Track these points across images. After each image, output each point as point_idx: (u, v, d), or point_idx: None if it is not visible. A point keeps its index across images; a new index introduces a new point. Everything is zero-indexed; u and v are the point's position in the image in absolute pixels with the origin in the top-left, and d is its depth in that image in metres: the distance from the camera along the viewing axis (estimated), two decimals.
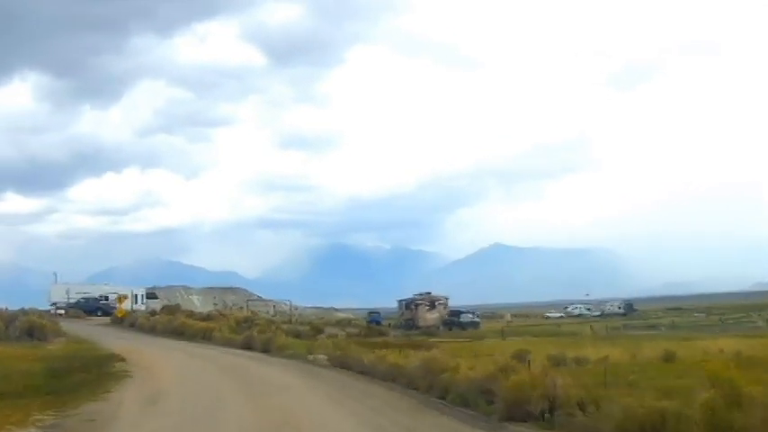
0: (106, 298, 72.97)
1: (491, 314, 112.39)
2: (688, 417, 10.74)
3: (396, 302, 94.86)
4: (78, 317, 66.16)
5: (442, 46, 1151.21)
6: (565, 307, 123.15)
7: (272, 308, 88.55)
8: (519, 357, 32.34)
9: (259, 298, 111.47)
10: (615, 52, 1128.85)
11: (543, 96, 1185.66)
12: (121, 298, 57.12)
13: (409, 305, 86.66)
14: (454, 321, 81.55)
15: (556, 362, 28.59)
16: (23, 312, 50.06)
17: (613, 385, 16.43)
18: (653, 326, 77.79)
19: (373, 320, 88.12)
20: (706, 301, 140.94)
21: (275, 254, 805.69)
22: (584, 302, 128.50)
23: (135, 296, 79.43)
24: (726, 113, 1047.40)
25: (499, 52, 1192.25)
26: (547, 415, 13.62)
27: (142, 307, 79.00)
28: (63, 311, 68.48)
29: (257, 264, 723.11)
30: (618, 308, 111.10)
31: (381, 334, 63.73)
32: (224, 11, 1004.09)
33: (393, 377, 20.13)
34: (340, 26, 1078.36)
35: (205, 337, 41.74)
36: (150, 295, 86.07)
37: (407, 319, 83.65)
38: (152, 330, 48.06)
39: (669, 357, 28.06)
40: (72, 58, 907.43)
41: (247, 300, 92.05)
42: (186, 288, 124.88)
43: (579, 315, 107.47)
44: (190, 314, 68.97)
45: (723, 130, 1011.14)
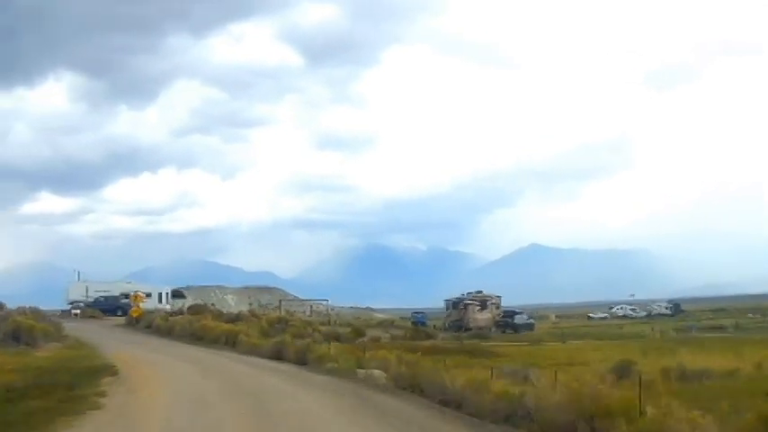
0: (127, 296, 66.21)
1: (533, 315, 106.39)
2: None
3: (441, 302, 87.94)
4: (95, 317, 60.09)
5: (479, 46, 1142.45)
6: (609, 307, 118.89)
7: (309, 308, 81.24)
8: (621, 371, 24.95)
9: (295, 298, 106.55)
10: (654, 52, 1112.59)
11: (581, 96, 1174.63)
12: (138, 296, 50.19)
13: (458, 305, 79.74)
14: (508, 323, 75.06)
15: (671, 376, 23.45)
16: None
17: None
18: (718, 327, 71.87)
19: (418, 321, 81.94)
20: (749, 302, 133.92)
21: (311, 254, 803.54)
22: (628, 303, 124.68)
23: (159, 295, 73.06)
24: (764, 113, 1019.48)
25: (537, 52, 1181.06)
26: None
27: (167, 306, 72.88)
28: (78, 311, 62.24)
29: (293, 264, 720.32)
30: (665, 308, 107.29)
31: (429, 336, 59.06)
32: (259, 11, 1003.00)
33: (506, 416, 12.38)
34: (376, 26, 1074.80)
35: (228, 343, 34.54)
36: (176, 294, 79.64)
37: (455, 320, 77.08)
38: (169, 333, 41.12)
39: None
40: (107, 59, 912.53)
41: (281, 299, 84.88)
42: (221, 288, 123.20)
43: (624, 316, 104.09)
44: (218, 315, 62.55)
45: (761, 130, 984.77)
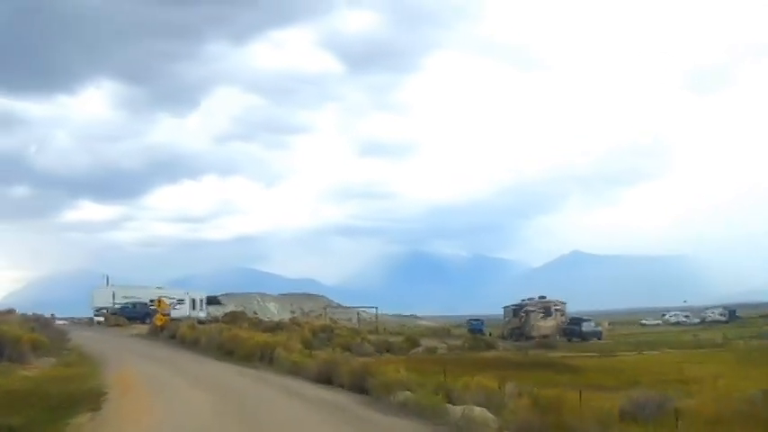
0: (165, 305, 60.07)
1: None
2: None
3: (485, 309, 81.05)
4: (120, 325, 53.95)
5: (518, 51, 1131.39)
6: (662, 314, 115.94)
7: (357, 315, 74.26)
8: None
9: (338, 305, 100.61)
10: (692, 55, 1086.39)
11: (619, 103, 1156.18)
12: (162, 302, 43.53)
13: (518, 311, 73.05)
14: (575, 331, 68.37)
15: None
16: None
17: None
18: None
19: (474, 329, 75.41)
20: None
21: (354, 261, 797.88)
22: (681, 309, 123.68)
23: (193, 301, 66.88)
24: None
25: (576, 57, 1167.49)
26: None
27: (202, 314, 66.78)
28: (102, 319, 56.20)
29: (336, 271, 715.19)
30: (719, 315, 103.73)
31: (489, 346, 54.49)
32: (299, 18, 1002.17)
33: None
34: (416, 33, 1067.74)
35: (264, 358, 27.63)
36: (212, 301, 73.38)
37: (515, 328, 71.38)
38: (194, 344, 34.45)
39: None
40: (148, 66, 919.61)
41: (326, 306, 78.10)
42: (262, 295, 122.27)
43: (677, 323, 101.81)
44: (255, 323, 56.22)
45: None
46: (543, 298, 74.61)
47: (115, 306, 61.57)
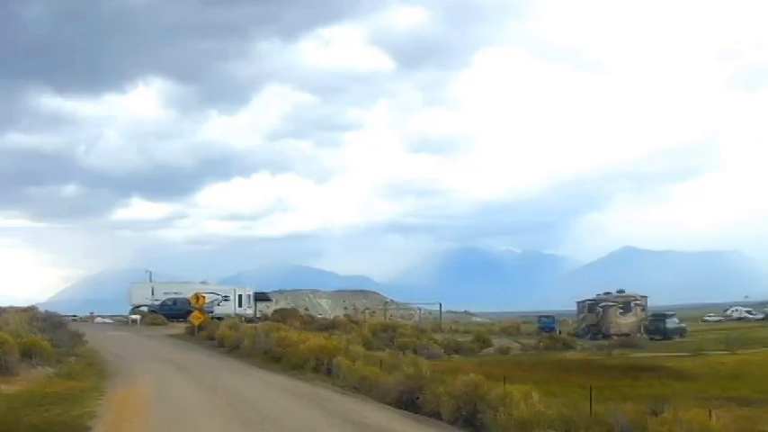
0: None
1: None
2: None
3: (538, 306, 74.06)
4: (157, 324, 48.31)
5: (568, 48, 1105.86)
6: (725, 309, 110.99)
7: (418, 312, 67.63)
8: None
9: (392, 302, 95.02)
10: (742, 52, 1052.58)
11: (670, 98, 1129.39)
12: (200, 297, 37.33)
13: (594, 307, 65.80)
14: (658, 327, 61.07)
15: None
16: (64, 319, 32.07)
17: None
18: None
19: (546, 327, 68.73)
20: None
21: (405, 258, 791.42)
22: (743, 305, 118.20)
23: (240, 297, 61.06)
24: None
25: (625, 53, 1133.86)
26: None
27: (249, 311, 61.05)
28: (138, 317, 50.64)
29: (388, 268, 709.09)
30: None
31: (567, 346, 49.42)
32: (348, 15, 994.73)
33: None
34: (465, 30, 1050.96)
35: (320, 368, 21.30)
36: (260, 297, 67.45)
37: (590, 325, 64.18)
38: (235, 348, 28.32)
39: None
40: (197, 64, 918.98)
41: (385, 302, 71.82)
42: (315, 292, 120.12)
43: (740, 318, 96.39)
44: (308, 320, 50.29)
45: None
46: (622, 292, 68.23)
47: (154, 303, 56.14)
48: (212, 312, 50.59)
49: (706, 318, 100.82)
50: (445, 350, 39.33)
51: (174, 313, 50.95)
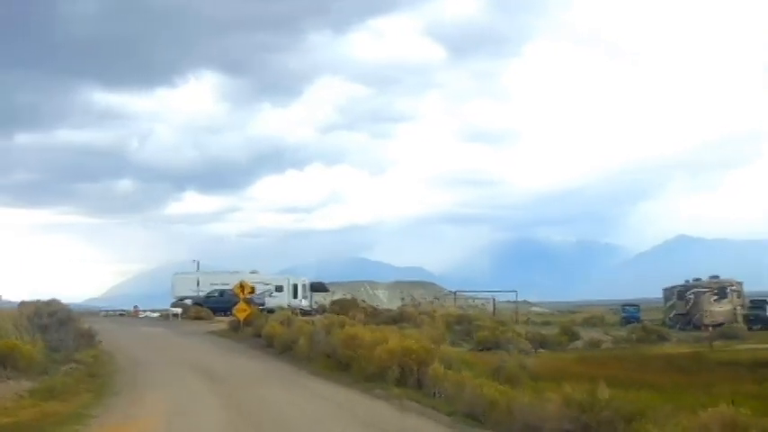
0: (251, 290, 48.54)
1: None
2: None
3: (595, 295, 68.35)
4: (201, 318, 42.88)
5: (617, 40, 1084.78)
6: None
7: (493, 302, 60.90)
8: None
9: (450, 292, 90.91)
10: None
11: (723, 86, 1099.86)
12: (245, 286, 30.99)
13: (684, 294, 60.15)
14: (759, 316, 55.25)
15: None
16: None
17: None
18: None
19: (629, 316, 63.94)
20: None
21: (461, 249, 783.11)
22: None
23: (294, 287, 55.43)
24: None
25: (677, 45, 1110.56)
26: None
27: (304, 302, 55.30)
28: (180, 311, 45.14)
29: (443, 259, 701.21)
30: None
31: (661, 338, 45.27)
32: (398, 6, 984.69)
33: None
34: (516, 19, 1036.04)
35: (407, 379, 14.96)
36: (316, 287, 61.60)
37: (681, 314, 59.29)
38: (287, 349, 22.20)
39: None
40: (248, 57, 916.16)
41: (456, 291, 65.56)
42: (371, 283, 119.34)
43: None
44: (371, 312, 44.14)
45: None
46: (716, 277, 61.75)
47: (199, 295, 50.75)
48: (263, 305, 45.08)
49: None
50: (532, 346, 34.96)
51: (221, 306, 45.55)
